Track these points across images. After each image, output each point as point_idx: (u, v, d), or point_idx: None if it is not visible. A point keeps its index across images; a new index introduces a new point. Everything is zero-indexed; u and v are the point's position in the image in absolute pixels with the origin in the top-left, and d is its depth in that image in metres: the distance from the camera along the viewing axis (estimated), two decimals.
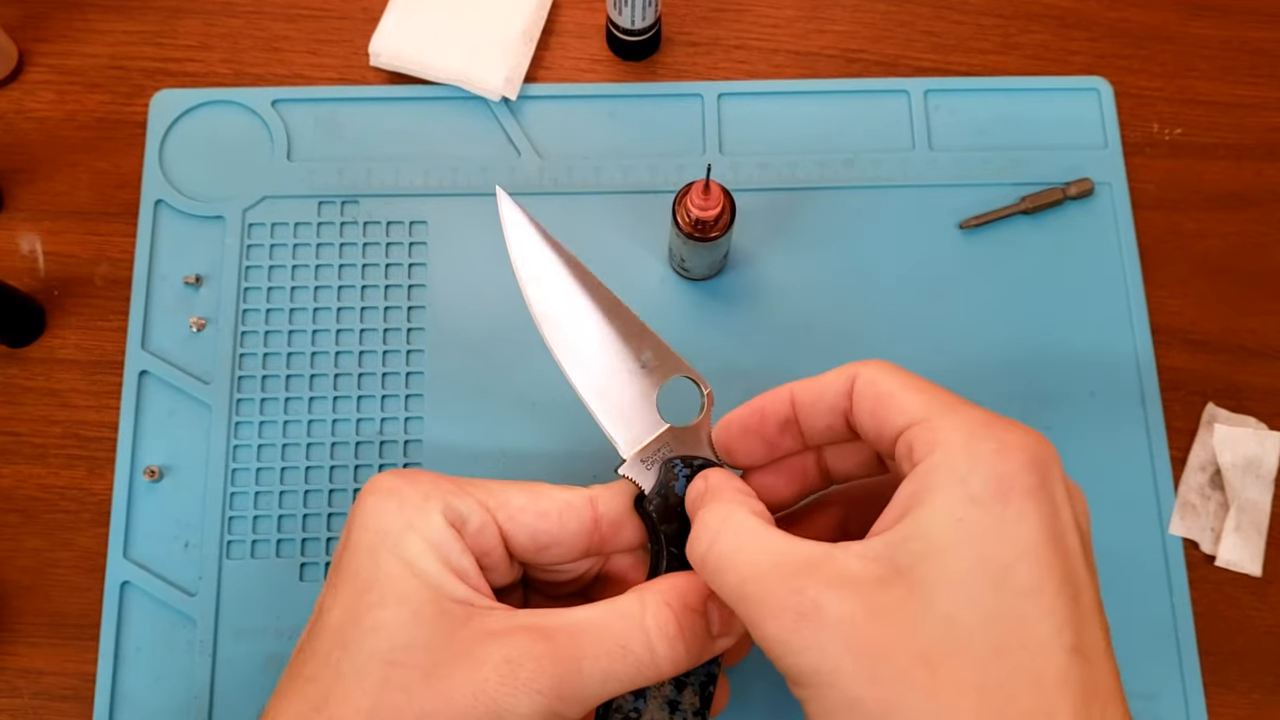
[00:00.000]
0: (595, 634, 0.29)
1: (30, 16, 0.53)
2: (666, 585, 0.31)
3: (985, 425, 0.28)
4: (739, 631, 0.31)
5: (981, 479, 0.26)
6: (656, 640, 0.29)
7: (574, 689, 0.28)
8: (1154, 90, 0.53)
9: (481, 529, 0.31)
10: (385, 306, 0.48)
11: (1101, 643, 0.26)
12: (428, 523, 0.30)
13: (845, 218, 0.50)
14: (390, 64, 0.51)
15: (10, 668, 0.44)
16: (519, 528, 0.32)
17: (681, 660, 0.30)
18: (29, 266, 0.49)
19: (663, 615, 0.30)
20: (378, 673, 0.28)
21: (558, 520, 0.32)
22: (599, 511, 0.33)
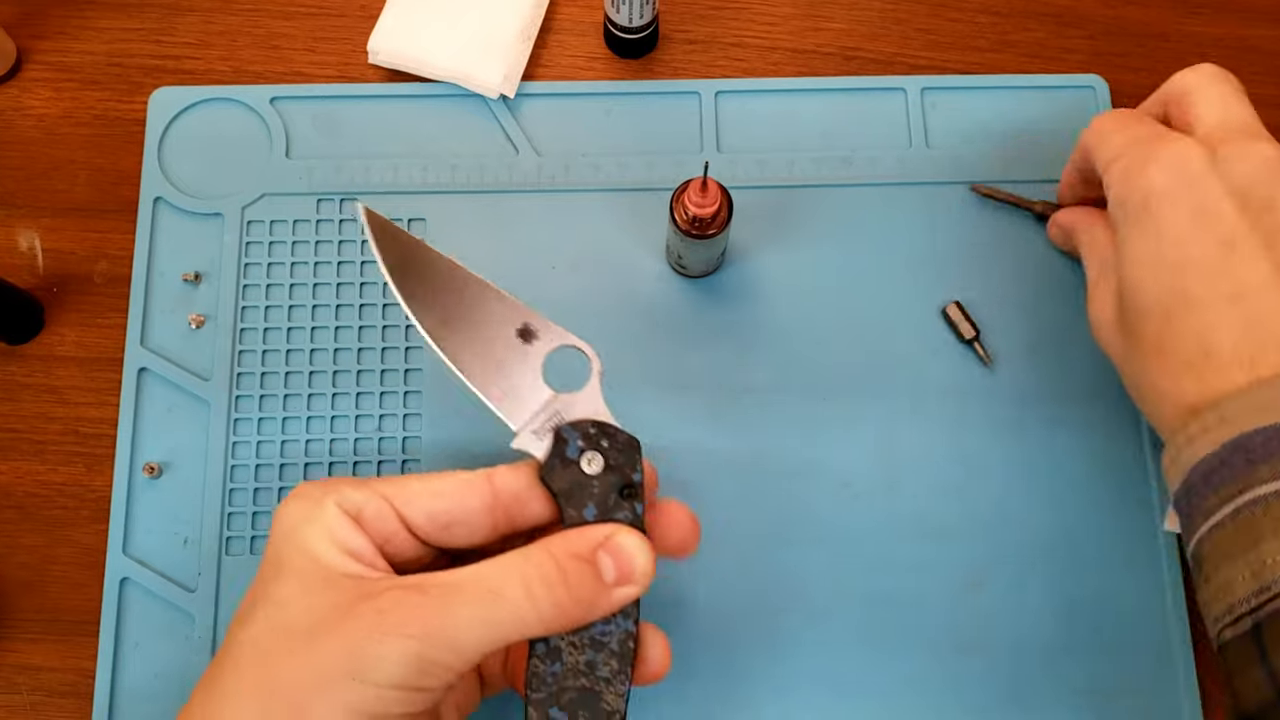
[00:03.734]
0: (472, 582, 0.30)
1: (28, 13, 0.53)
2: (555, 539, 0.32)
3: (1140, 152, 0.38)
4: (642, 580, 0.32)
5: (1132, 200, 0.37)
6: (535, 585, 0.30)
7: (443, 632, 0.29)
8: (1150, 88, 0.52)
9: (379, 515, 0.32)
10: (384, 304, 0.48)
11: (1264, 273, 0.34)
12: (323, 513, 0.32)
13: (842, 215, 0.50)
14: (389, 62, 0.52)
15: (9, 664, 0.44)
16: (415, 510, 0.33)
17: (566, 607, 0.30)
18: (28, 263, 0.50)
19: (542, 561, 0.31)
20: (268, 642, 0.30)
21: (454, 499, 0.33)
22: (496, 486, 0.33)
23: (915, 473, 0.46)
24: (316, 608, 0.30)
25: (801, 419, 0.47)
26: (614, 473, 0.33)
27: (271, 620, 0.31)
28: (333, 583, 0.31)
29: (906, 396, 0.47)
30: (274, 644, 0.30)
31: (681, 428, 0.46)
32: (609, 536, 0.32)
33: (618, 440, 0.34)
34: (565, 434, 0.34)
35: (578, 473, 0.33)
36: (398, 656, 0.28)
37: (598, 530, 0.32)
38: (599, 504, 0.33)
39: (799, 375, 0.47)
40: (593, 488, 0.33)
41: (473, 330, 0.35)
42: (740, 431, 0.46)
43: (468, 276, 0.36)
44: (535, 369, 0.35)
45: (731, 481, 0.46)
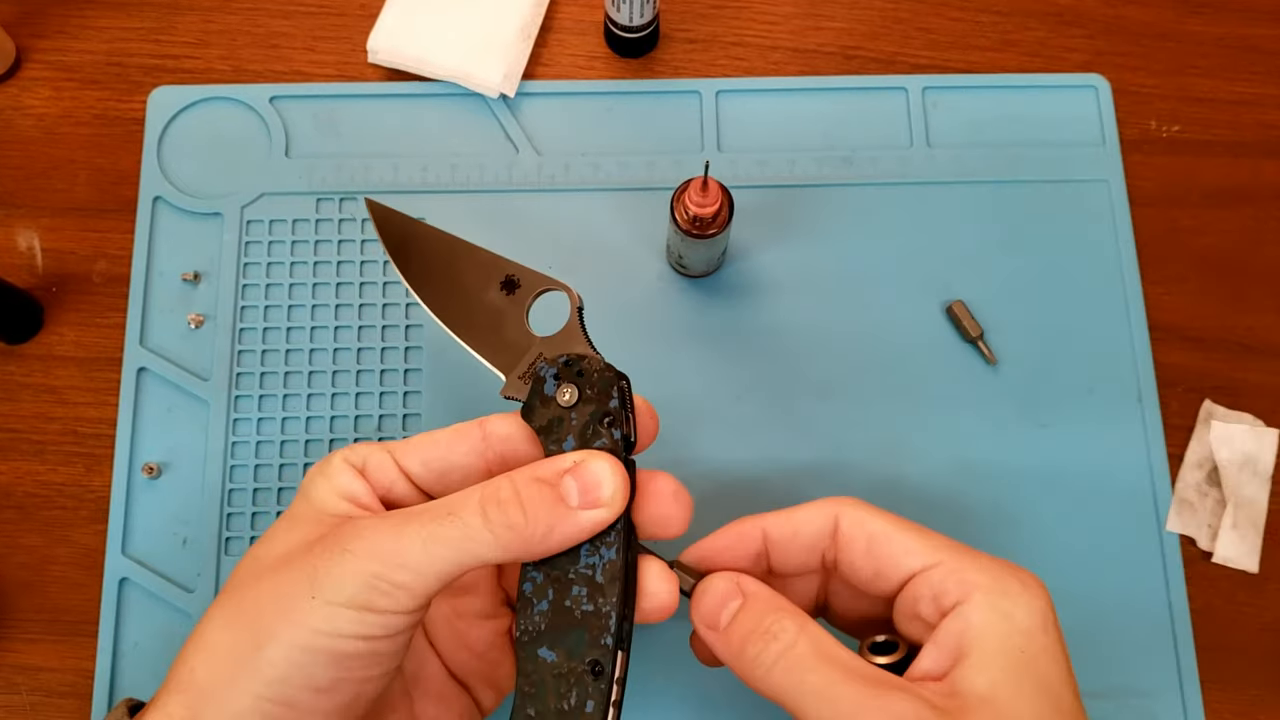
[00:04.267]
0: (431, 506, 0.30)
1: (28, 13, 0.53)
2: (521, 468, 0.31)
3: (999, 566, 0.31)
4: (611, 503, 0.31)
5: (1024, 614, 0.30)
6: (489, 506, 0.30)
7: (394, 550, 0.29)
8: (1151, 87, 0.53)
9: (380, 465, 0.33)
10: (383, 303, 0.48)
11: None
12: (330, 465, 0.33)
13: (843, 215, 0.50)
14: (388, 61, 0.51)
15: (9, 664, 0.44)
16: (412, 459, 0.33)
17: (521, 528, 0.30)
18: (27, 263, 0.49)
19: (500, 484, 0.30)
20: (243, 571, 0.31)
21: (446, 446, 0.33)
22: (488, 432, 0.33)
23: (917, 472, 0.46)
24: (294, 540, 0.31)
25: (803, 419, 0.47)
26: (590, 403, 0.32)
27: (255, 555, 0.32)
28: (319, 521, 0.31)
29: (909, 395, 0.47)
30: (249, 573, 0.31)
31: (682, 427, 0.46)
32: (578, 462, 0.31)
33: (592, 370, 0.33)
34: (541, 371, 0.33)
35: (554, 407, 0.33)
36: (350, 574, 0.29)
37: (567, 457, 0.31)
38: (578, 435, 0.32)
39: (800, 375, 0.47)
40: (570, 419, 0.32)
41: (460, 290, 0.36)
42: (741, 431, 0.46)
43: (453, 241, 0.37)
44: (520, 317, 0.35)
45: (732, 480, 0.46)
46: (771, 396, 0.47)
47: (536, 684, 0.30)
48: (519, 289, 0.36)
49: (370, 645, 0.29)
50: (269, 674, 0.28)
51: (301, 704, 0.29)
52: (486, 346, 0.35)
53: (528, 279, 0.36)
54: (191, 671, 0.30)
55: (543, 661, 0.30)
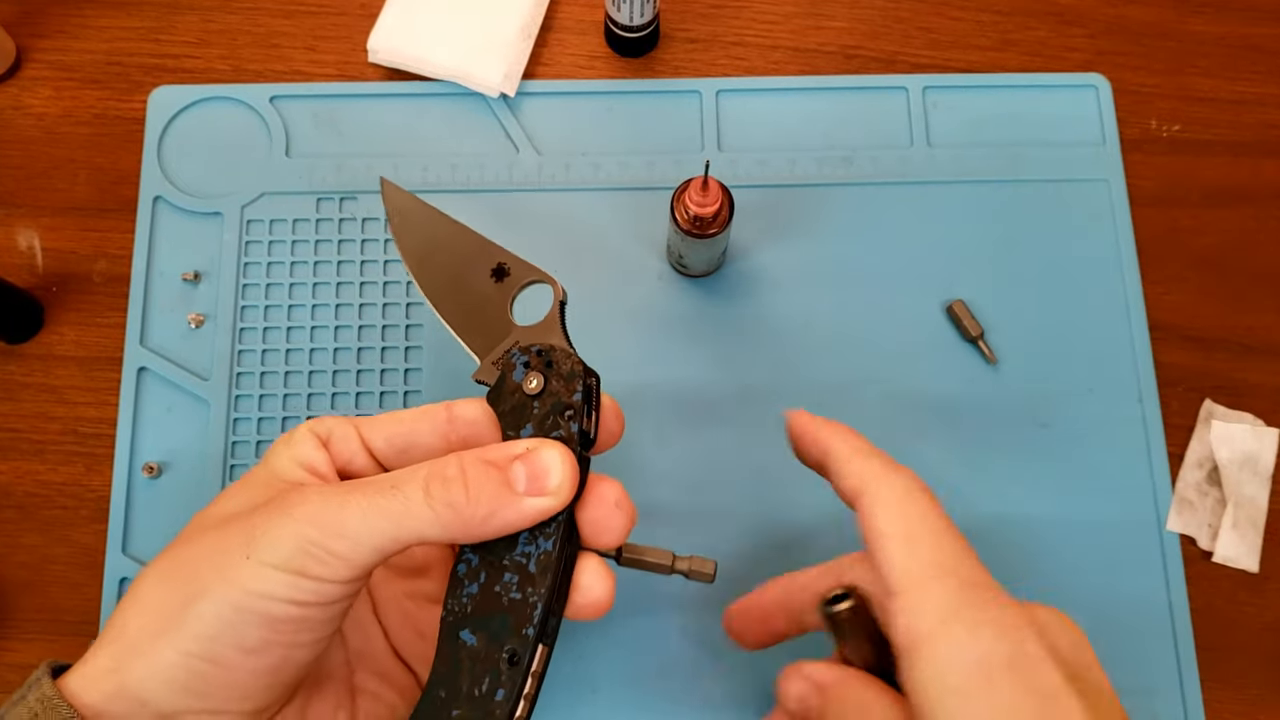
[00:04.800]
0: (377, 479, 0.30)
1: (28, 12, 0.53)
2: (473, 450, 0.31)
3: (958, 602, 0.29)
4: (557, 493, 0.30)
5: (960, 669, 0.28)
6: (433, 482, 0.30)
7: (334, 518, 0.29)
8: (1152, 87, 0.53)
9: (343, 437, 0.33)
10: (383, 303, 0.48)
11: None
12: (296, 435, 0.33)
13: (844, 215, 0.50)
14: (388, 60, 0.51)
15: (9, 664, 0.44)
16: (375, 434, 0.33)
17: (462, 508, 0.29)
18: (27, 262, 0.49)
19: (447, 462, 0.30)
20: (188, 530, 0.31)
21: (410, 424, 0.33)
22: (454, 414, 0.33)
23: (917, 471, 0.46)
24: (242, 501, 0.31)
25: None
26: (554, 395, 0.32)
27: (203, 514, 0.32)
28: (270, 485, 0.31)
29: (909, 394, 0.47)
30: (193, 530, 0.31)
31: (682, 426, 0.46)
32: (530, 449, 0.31)
33: (562, 362, 0.33)
34: (513, 358, 0.33)
35: (520, 395, 0.33)
36: (287, 536, 0.28)
37: (519, 444, 0.31)
38: (537, 424, 0.32)
39: (800, 374, 0.47)
40: (533, 408, 0.32)
41: (452, 271, 0.36)
42: (741, 430, 0.46)
43: (453, 225, 0.37)
44: (504, 305, 0.36)
45: (733, 480, 0.46)
46: (771, 395, 0.47)
47: (452, 665, 0.30)
48: (508, 277, 0.36)
49: (302, 611, 0.29)
50: (198, 630, 0.28)
51: (228, 662, 0.28)
52: (468, 330, 0.36)
53: (517, 268, 0.36)
54: (123, 625, 0.29)
55: (462, 643, 0.30)
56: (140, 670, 0.28)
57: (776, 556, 0.45)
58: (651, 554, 0.34)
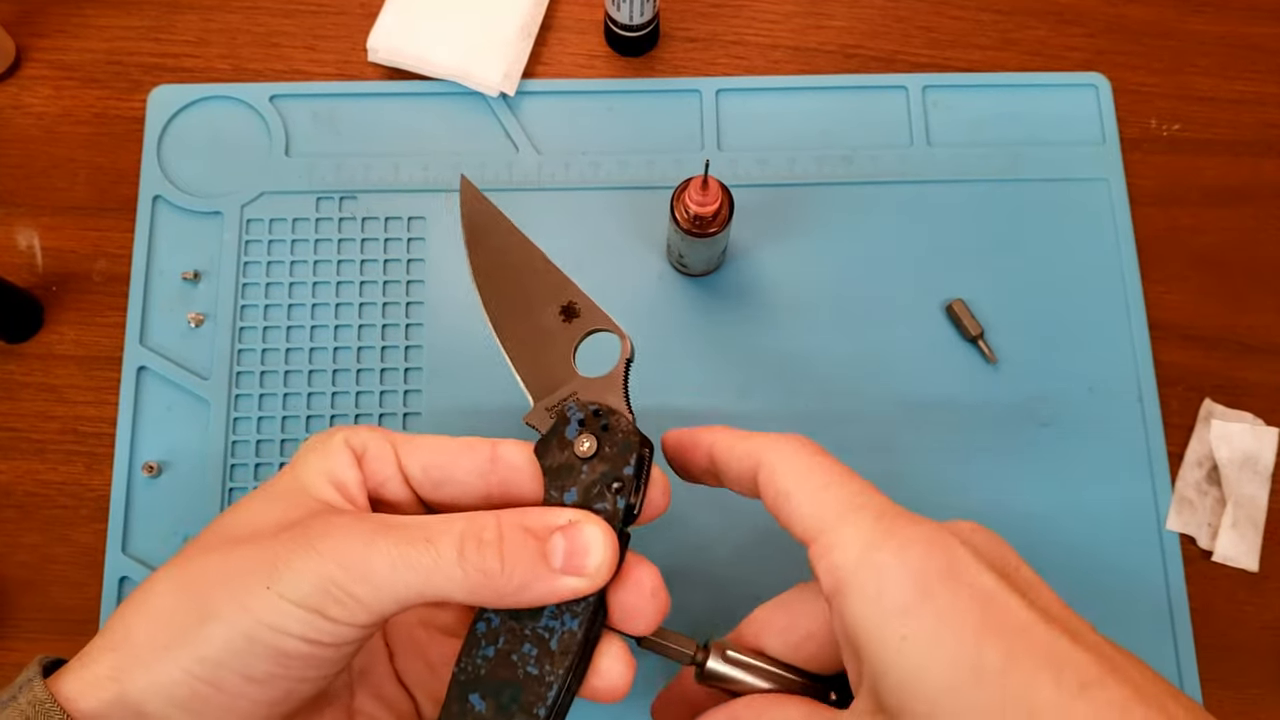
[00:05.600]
0: (410, 525, 0.29)
1: (27, 11, 0.53)
2: (514, 510, 0.30)
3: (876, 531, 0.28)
4: (594, 576, 0.29)
5: (900, 591, 0.27)
6: (468, 543, 0.28)
7: (360, 561, 0.28)
8: (1152, 86, 0.53)
9: (379, 456, 0.32)
10: (384, 302, 0.48)
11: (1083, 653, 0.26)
12: (329, 443, 0.32)
13: (843, 214, 0.50)
14: (388, 60, 0.51)
15: (9, 663, 0.44)
16: (413, 459, 0.32)
17: (494, 576, 0.28)
18: (27, 262, 0.49)
19: (486, 523, 0.29)
20: (205, 538, 0.30)
21: (451, 455, 0.32)
22: (499, 453, 0.32)
23: (917, 470, 0.46)
24: (267, 516, 0.30)
25: (803, 417, 0.47)
26: (606, 462, 0.31)
27: (223, 521, 0.30)
28: (298, 502, 0.30)
29: (909, 394, 0.47)
30: (212, 539, 0.30)
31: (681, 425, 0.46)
32: (573, 522, 0.29)
33: (619, 429, 0.31)
34: (569, 412, 0.32)
35: (570, 453, 0.31)
36: (310, 572, 0.27)
37: (563, 513, 0.30)
38: (583, 491, 0.31)
39: (800, 372, 0.47)
40: (581, 472, 0.31)
41: (521, 299, 0.35)
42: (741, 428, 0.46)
43: (531, 249, 0.36)
44: (569, 348, 0.34)
45: None
46: (771, 394, 0.47)
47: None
48: (577, 319, 0.34)
49: (313, 649, 0.28)
50: (205, 651, 0.27)
51: (232, 689, 0.28)
52: (526, 365, 0.34)
53: (588, 311, 0.35)
54: (127, 630, 0.28)
55: (470, 707, 0.29)
56: (142, 681, 0.28)
57: (777, 555, 0.45)
58: (675, 641, 0.32)
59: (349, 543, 0.28)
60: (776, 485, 0.31)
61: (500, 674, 0.29)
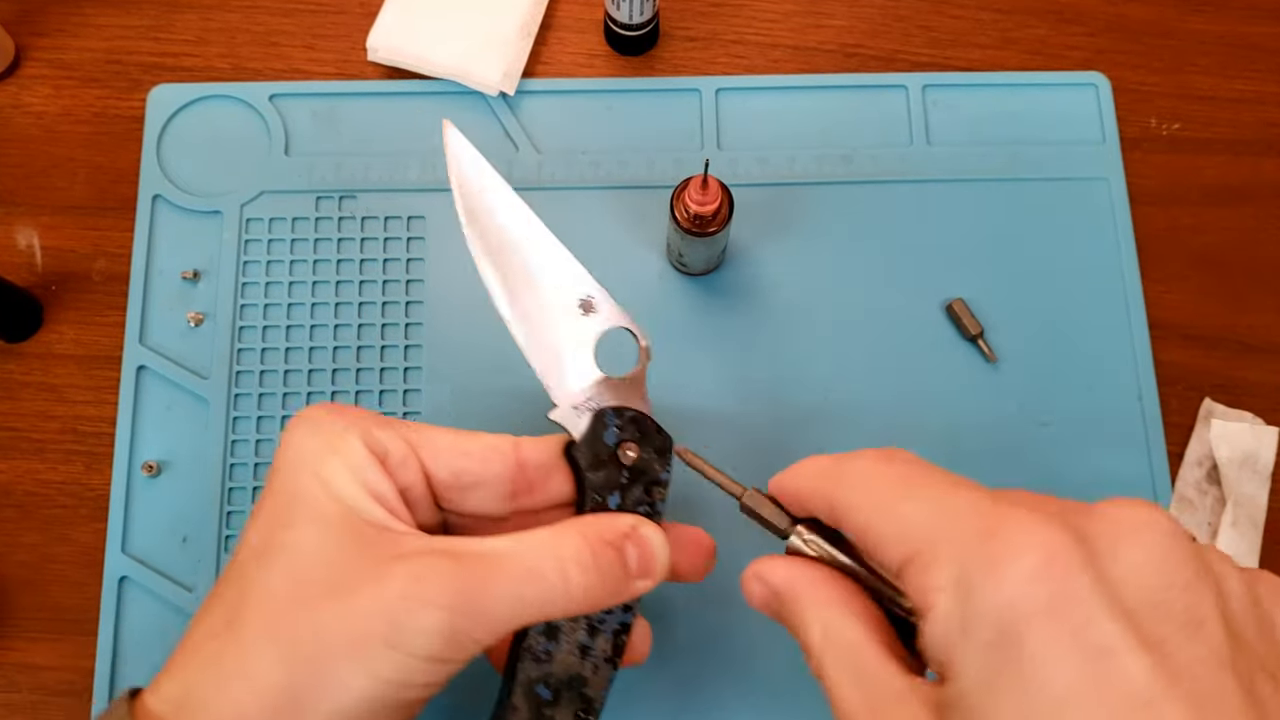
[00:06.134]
0: (508, 558, 0.29)
1: (27, 11, 0.53)
2: (585, 522, 0.31)
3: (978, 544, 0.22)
4: (659, 575, 0.31)
5: (984, 624, 0.21)
6: (570, 567, 0.29)
7: (480, 607, 0.28)
8: (1152, 85, 0.53)
9: (403, 462, 0.31)
10: (383, 302, 0.48)
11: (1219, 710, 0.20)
12: (348, 446, 0.30)
13: (844, 213, 0.50)
14: (388, 59, 0.51)
15: (9, 663, 0.44)
16: (441, 465, 0.31)
17: (595, 591, 0.30)
18: (26, 261, 0.49)
19: (578, 545, 0.30)
20: (285, 591, 0.28)
21: (480, 460, 0.32)
22: (523, 455, 0.32)
23: None
24: (340, 559, 0.28)
25: (803, 417, 0.47)
26: (645, 466, 0.33)
27: (292, 567, 0.28)
28: (356, 530, 0.29)
29: (909, 394, 0.47)
30: (296, 595, 0.28)
31: (682, 425, 0.46)
32: (634, 527, 0.31)
33: (654, 436, 0.33)
34: (607, 419, 0.33)
35: (611, 459, 0.33)
36: (433, 628, 0.27)
37: (623, 519, 0.31)
38: (624, 494, 0.33)
39: (800, 374, 0.47)
40: (622, 477, 0.33)
41: (535, 291, 0.34)
42: (741, 430, 0.46)
43: (543, 234, 0.35)
44: (588, 344, 0.34)
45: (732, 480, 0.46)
46: (771, 394, 0.47)
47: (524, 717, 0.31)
48: (594, 314, 0.34)
49: (430, 691, 0.29)
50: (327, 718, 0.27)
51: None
52: (545, 360, 0.34)
53: (605, 308, 0.35)
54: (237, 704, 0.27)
55: (537, 698, 0.31)
56: None
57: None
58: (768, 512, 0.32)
59: (460, 588, 0.28)
60: (854, 522, 0.26)
61: (563, 666, 0.31)
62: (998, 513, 0.23)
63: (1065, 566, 0.21)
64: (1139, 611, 0.21)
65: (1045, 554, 0.21)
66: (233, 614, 0.29)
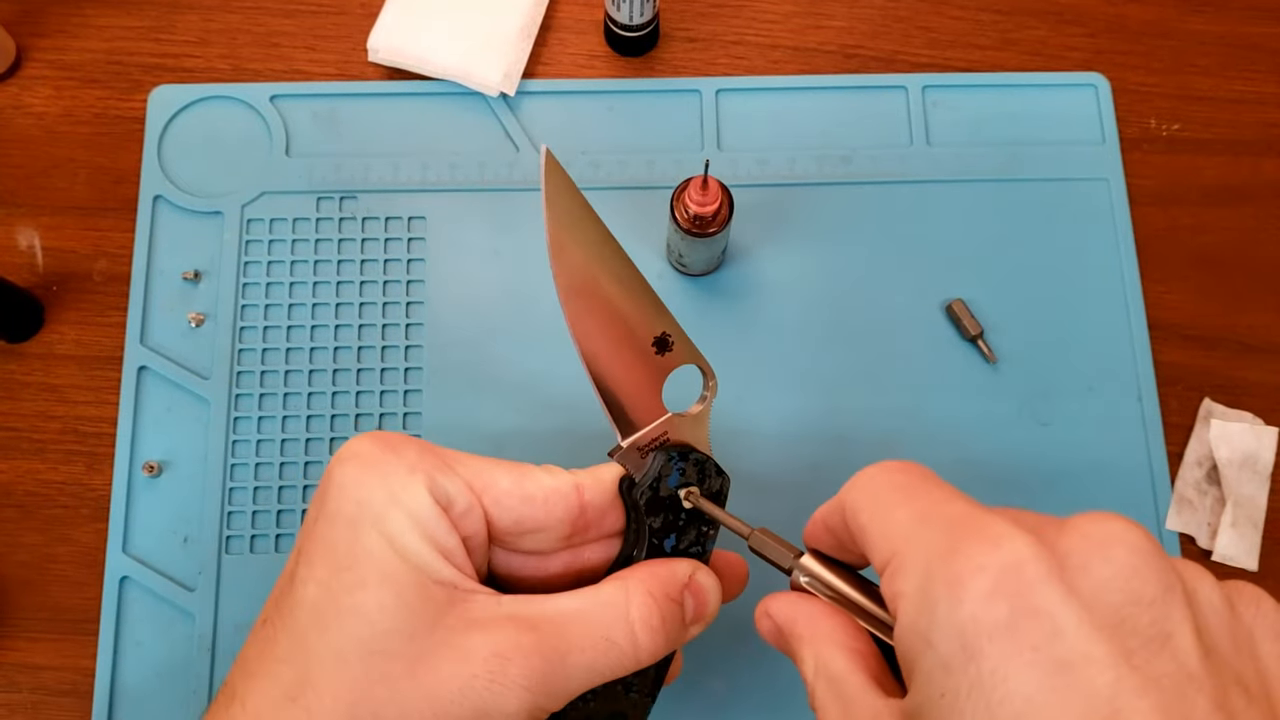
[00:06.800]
0: (581, 626, 0.29)
1: (28, 11, 0.53)
2: (648, 574, 0.30)
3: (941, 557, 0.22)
4: (710, 620, 0.31)
5: (944, 638, 0.21)
6: (640, 632, 0.29)
7: (559, 684, 0.28)
8: (1151, 86, 0.53)
9: (468, 512, 0.29)
10: (384, 302, 0.48)
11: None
12: (413, 498, 0.28)
13: (843, 214, 0.50)
14: (389, 60, 0.51)
15: (9, 663, 0.44)
16: (504, 511, 0.30)
17: (660, 651, 0.30)
18: (27, 262, 0.49)
19: (647, 607, 0.29)
20: (359, 663, 0.27)
21: (544, 506, 0.30)
22: (585, 500, 0.31)
23: None
24: (413, 628, 0.27)
25: (803, 416, 0.47)
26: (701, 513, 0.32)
27: (363, 637, 0.27)
28: (426, 593, 0.27)
29: (909, 394, 0.47)
30: (372, 671, 0.27)
31: None
32: (692, 576, 0.31)
33: (714, 478, 0.33)
34: (673, 463, 0.32)
35: (672, 503, 0.32)
36: (516, 711, 0.27)
37: (681, 568, 0.31)
38: (680, 536, 0.32)
39: (800, 373, 0.47)
40: (680, 519, 0.32)
41: (616, 328, 0.32)
42: (742, 430, 0.46)
43: (632, 272, 0.33)
44: (658, 382, 0.33)
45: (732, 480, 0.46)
46: (771, 394, 0.47)
47: None
48: (669, 352, 0.33)
49: None
50: None
51: None
52: (614, 398, 0.32)
53: (681, 345, 0.33)
54: None
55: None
56: None
57: None
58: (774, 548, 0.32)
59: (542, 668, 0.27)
60: (858, 521, 0.26)
61: (606, 701, 0.31)
62: (971, 526, 0.23)
63: (1031, 580, 0.21)
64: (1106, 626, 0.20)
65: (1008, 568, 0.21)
66: (300, 684, 0.27)
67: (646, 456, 0.32)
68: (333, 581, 0.28)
